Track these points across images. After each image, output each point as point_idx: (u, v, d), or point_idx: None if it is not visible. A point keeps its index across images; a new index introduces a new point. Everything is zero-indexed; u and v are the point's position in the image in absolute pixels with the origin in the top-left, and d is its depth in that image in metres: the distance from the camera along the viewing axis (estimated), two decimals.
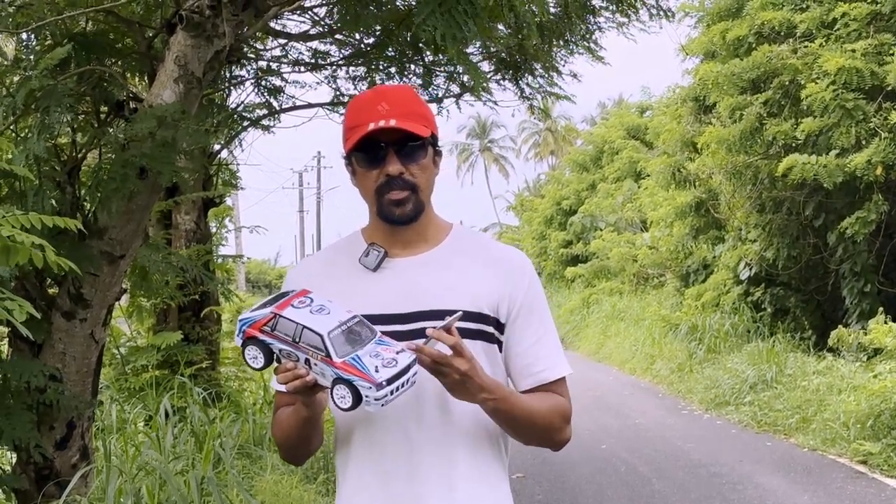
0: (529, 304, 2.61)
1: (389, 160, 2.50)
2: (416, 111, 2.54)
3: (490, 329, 2.56)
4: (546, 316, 2.67)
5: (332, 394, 2.30)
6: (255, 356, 2.37)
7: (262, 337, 2.35)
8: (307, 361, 2.30)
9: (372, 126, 2.47)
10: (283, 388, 2.41)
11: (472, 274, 2.58)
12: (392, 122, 2.47)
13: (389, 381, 2.26)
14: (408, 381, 2.32)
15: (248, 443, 8.75)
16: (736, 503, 8.99)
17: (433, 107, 8.79)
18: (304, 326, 2.30)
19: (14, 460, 5.73)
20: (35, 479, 5.53)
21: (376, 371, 2.26)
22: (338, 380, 2.28)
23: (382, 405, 2.27)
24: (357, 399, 2.27)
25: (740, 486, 9.59)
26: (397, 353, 2.33)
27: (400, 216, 2.54)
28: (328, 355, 2.27)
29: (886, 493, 9.16)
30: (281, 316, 2.33)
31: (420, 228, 2.60)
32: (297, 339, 2.30)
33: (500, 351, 2.60)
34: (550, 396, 2.61)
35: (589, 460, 11.03)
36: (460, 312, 2.41)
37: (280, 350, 2.33)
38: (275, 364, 2.37)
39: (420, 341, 2.36)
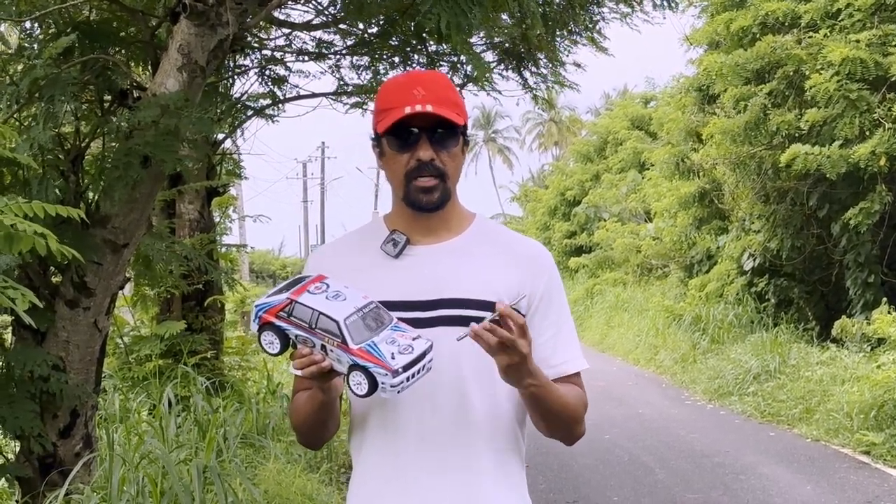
0: (549, 296, 2.61)
1: (421, 145, 2.49)
2: (450, 98, 2.53)
3: None
4: (565, 309, 2.67)
5: (348, 380, 2.30)
6: (271, 341, 2.36)
7: (278, 323, 2.34)
8: (323, 347, 2.30)
9: (408, 110, 2.45)
10: (300, 372, 2.41)
11: (494, 264, 2.57)
12: (429, 108, 2.45)
13: (405, 368, 2.27)
14: (424, 367, 2.33)
15: (252, 432, 8.75)
16: (739, 493, 8.99)
17: None
18: (321, 312, 2.30)
19: (17, 449, 5.74)
20: (38, 467, 5.54)
21: (392, 358, 2.26)
22: (354, 366, 2.28)
23: (398, 392, 2.28)
24: (373, 386, 2.27)
25: (743, 477, 9.59)
26: (413, 339, 2.33)
27: (427, 203, 2.52)
28: (344, 342, 2.27)
29: (889, 484, 9.16)
30: (297, 302, 2.33)
31: (444, 216, 2.58)
32: (314, 326, 2.30)
33: None
34: (576, 388, 2.60)
35: (592, 450, 11.03)
36: (525, 295, 2.47)
37: (296, 336, 2.33)
38: (291, 350, 2.37)
39: (484, 322, 2.30)
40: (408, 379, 2.28)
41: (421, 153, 2.48)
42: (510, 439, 2.57)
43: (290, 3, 7.74)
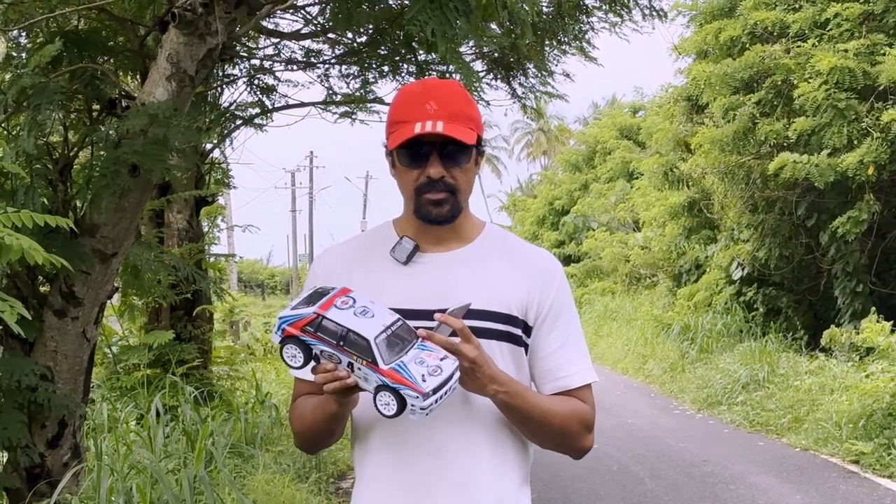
0: (557, 308, 2.57)
1: (432, 162, 2.45)
2: (463, 112, 2.47)
3: (518, 331, 2.52)
4: (573, 322, 2.62)
5: (375, 400, 2.25)
6: (293, 355, 2.30)
7: (303, 337, 2.28)
8: (350, 364, 2.25)
9: (419, 128, 2.40)
10: (302, 375, 2.38)
11: (503, 275, 2.53)
12: (439, 127, 2.40)
13: (435, 391, 2.22)
14: (450, 388, 2.28)
15: (240, 442, 8.74)
16: (728, 502, 8.98)
17: None
18: (350, 330, 2.24)
19: (5, 459, 5.72)
20: (26, 477, 5.52)
21: (423, 380, 2.21)
22: (382, 387, 2.23)
23: (426, 414, 2.23)
24: (402, 407, 2.22)
25: (732, 486, 9.59)
26: (441, 359, 2.28)
27: (437, 216, 2.48)
28: (374, 361, 2.22)
29: (878, 493, 9.16)
30: (325, 317, 2.27)
31: (455, 226, 2.55)
32: (342, 342, 2.25)
33: (527, 354, 2.57)
34: (571, 401, 2.58)
35: (581, 460, 10.98)
36: (469, 303, 2.39)
37: (321, 351, 2.27)
38: (312, 363, 2.32)
39: (420, 331, 2.32)
40: (436, 401, 2.24)
41: (431, 171, 2.45)
42: (514, 445, 2.56)
43: (278, 12, 7.73)
